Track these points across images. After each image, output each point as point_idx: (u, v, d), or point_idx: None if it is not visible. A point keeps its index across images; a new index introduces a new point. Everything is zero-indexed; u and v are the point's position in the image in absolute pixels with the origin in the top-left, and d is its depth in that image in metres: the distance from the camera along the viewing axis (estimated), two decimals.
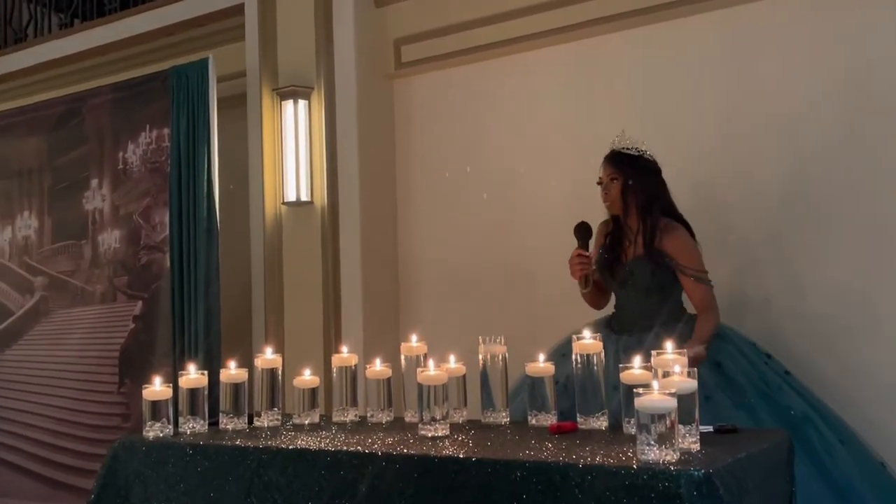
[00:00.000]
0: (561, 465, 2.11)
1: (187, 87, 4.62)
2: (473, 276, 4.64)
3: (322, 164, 4.76)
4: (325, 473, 2.43)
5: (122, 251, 4.93)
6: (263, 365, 3.09)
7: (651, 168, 3.51)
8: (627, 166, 3.47)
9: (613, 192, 3.49)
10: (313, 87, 4.80)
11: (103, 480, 2.81)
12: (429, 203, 4.84)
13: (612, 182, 3.50)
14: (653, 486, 1.97)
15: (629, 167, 3.47)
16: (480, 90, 4.69)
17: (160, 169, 4.77)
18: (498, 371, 2.92)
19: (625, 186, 3.46)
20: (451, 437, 2.57)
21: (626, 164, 3.47)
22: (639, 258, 3.47)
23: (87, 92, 5.28)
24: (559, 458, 2.18)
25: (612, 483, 2.02)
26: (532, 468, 2.13)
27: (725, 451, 2.18)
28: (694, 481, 1.94)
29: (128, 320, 4.85)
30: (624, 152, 3.50)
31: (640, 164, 3.49)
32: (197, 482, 2.64)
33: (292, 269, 4.82)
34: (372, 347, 4.08)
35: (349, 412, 3.10)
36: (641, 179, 3.47)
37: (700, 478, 1.95)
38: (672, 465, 2.01)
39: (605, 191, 3.51)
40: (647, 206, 3.46)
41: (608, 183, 3.51)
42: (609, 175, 3.50)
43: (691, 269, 3.41)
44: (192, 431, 2.90)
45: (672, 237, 3.43)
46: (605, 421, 2.67)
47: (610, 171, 3.50)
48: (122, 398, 4.82)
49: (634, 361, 2.49)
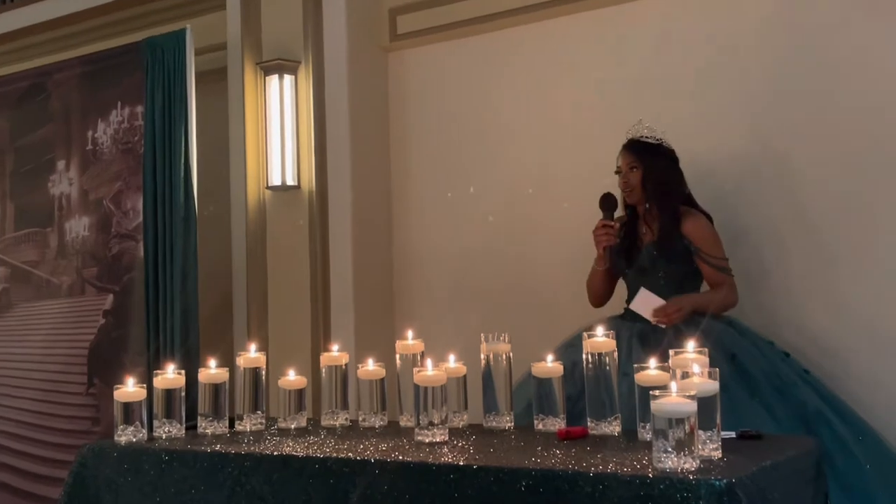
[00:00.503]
0: (570, 473, 2.11)
1: (163, 61, 4.61)
2: (476, 267, 4.64)
3: (310, 146, 4.75)
4: (314, 482, 2.44)
5: (92, 240, 4.92)
6: (246, 364, 3.10)
7: (670, 156, 3.70)
8: (648, 155, 3.67)
9: (633, 181, 3.69)
10: (300, 60, 4.79)
11: (70, 490, 2.82)
12: (427, 188, 4.84)
13: (631, 171, 3.69)
14: (670, 496, 1.97)
15: (649, 156, 3.67)
16: (484, 64, 4.68)
17: (133, 150, 4.77)
18: (502, 371, 2.93)
19: (645, 175, 3.66)
20: (451, 443, 2.58)
21: (647, 153, 3.67)
22: (656, 243, 3.65)
23: (53, 65, 5.27)
24: (568, 466, 2.18)
25: (626, 494, 2.03)
26: (539, 477, 2.14)
27: (749, 460, 2.19)
28: (715, 492, 1.95)
29: (97, 315, 4.85)
30: (643, 141, 3.69)
31: (660, 152, 3.68)
32: (173, 491, 2.65)
33: (277, 260, 4.82)
34: (364, 345, 4.11)
35: (339, 416, 3.11)
36: (661, 168, 3.66)
37: (722, 488, 1.95)
38: (691, 474, 2.02)
39: (625, 180, 3.70)
40: (667, 194, 3.65)
41: (628, 172, 3.69)
42: (628, 164, 3.70)
43: (713, 257, 3.60)
44: (167, 436, 2.91)
45: (693, 223, 3.62)
46: (618, 426, 2.68)
47: (630, 159, 3.70)
48: (91, 400, 4.83)
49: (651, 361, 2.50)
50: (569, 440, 2.58)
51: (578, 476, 2.10)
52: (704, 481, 1.97)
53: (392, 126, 4.94)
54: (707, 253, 3.60)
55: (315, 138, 4.75)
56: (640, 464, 2.16)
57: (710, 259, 3.60)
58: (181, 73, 4.54)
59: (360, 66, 4.80)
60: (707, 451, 2.23)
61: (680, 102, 4.09)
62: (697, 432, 2.14)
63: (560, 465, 2.20)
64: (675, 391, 2.14)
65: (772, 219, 3.94)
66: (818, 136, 3.85)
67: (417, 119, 4.88)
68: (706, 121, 4.04)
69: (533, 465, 2.21)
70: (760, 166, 3.96)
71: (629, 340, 3.48)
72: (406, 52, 4.89)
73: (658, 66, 4.21)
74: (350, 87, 4.74)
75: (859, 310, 3.76)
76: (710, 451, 2.24)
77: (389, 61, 4.95)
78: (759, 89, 3.99)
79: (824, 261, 3.83)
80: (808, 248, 3.87)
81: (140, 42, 4.77)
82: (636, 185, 3.68)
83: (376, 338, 4.41)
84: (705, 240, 3.61)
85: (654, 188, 3.65)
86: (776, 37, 3.96)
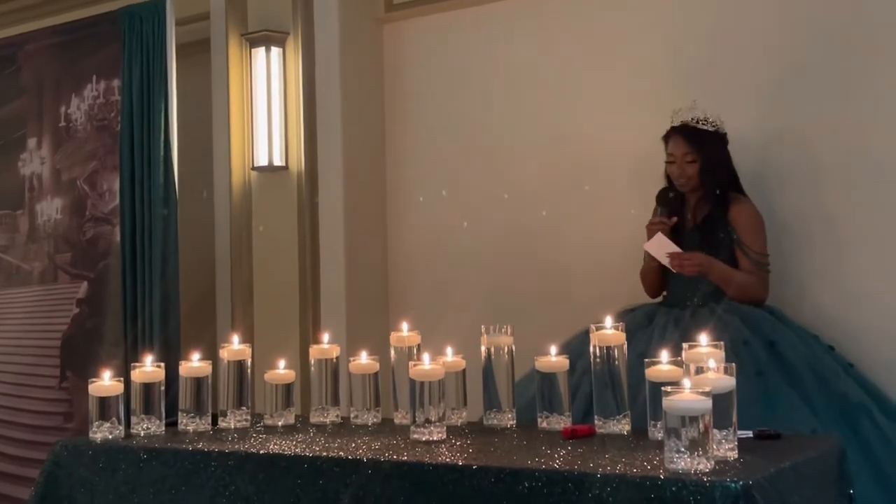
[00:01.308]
0: (576, 474, 2.12)
1: (141, 32, 4.59)
2: (476, 254, 4.64)
3: (298, 124, 4.75)
4: (302, 482, 2.44)
5: (65, 223, 4.92)
6: (230, 357, 3.11)
7: (725, 143, 3.75)
8: (706, 145, 3.71)
9: (691, 172, 3.73)
10: (289, 32, 4.78)
11: (42, 490, 2.83)
12: (424, 168, 4.83)
13: (689, 163, 3.72)
14: (683, 498, 1.98)
15: (707, 146, 3.71)
16: (485, 37, 4.67)
17: (109, 127, 4.76)
18: (503, 366, 2.94)
19: (703, 168, 3.71)
20: (449, 442, 2.59)
21: (705, 143, 3.71)
22: (700, 229, 3.72)
23: (24, 36, 5.25)
24: (574, 466, 2.19)
25: (636, 496, 2.04)
26: (543, 478, 2.14)
27: (767, 461, 2.20)
28: (731, 494, 1.96)
29: (71, 304, 4.85)
30: (700, 128, 3.72)
31: (717, 140, 3.73)
32: (152, 492, 2.66)
33: (264, 245, 4.82)
34: (356, 337, 4.11)
35: (330, 412, 3.11)
36: (719, 159, 3.73)
37: (738, 491, 1.96)
38: (705, 476, 2.03)
39: (681, 170, 3.74)
40: (722, 184, 3.72)
41: (684, 163, 3.73)
42: (684, 154, 3.73)
43: (752, 249, 3.66)
44: (146, 433, 2.91)
45: (739, 210, 3.70)
46: (628, 425, 2.69)
47: (686, 149, 3.73)
48: (64, 394, 4.83)
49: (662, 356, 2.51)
50: (575, 439, 2.59)
51: (585, 477, 2.11)
52: (719, 483, 1.98)
53: (387, 103, 4.93)
54: (747, 244, 3.66)
55: (304, 116, 4.74)
56: (651, 464, 2.17)
57: (749, 251, 3.66)
58: (160, 45, 4.52)
59: (353, 39, 4.79)
60: (722, 451, 2.24)
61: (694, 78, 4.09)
62: (712, 431, 2.15)
63: (565, 465, 2.21)
64: (688, 388, 2.15)
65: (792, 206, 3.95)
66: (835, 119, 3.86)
67: (414, 95, 4.87)
68: (719, 100, 4.03)
69: (536, 465, 2.22)
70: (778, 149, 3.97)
71: (664, 327, 3.56)
72: (402, 23, 4.88)
73: (673, 37, 4.20)
74: (342, 60, 4.73)
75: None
76: (725, 451, 2.24)
77: (384, 33, 4.93)
78: (779, 66, 3.98)
79: (837, 249, 3.87)
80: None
81: (116, 11, 4.74)
82: (693, 175, 3.73)
83: (370, 330, 4.41)
84: (748, 229, 3.67)
85: (713, 181, 3.71)
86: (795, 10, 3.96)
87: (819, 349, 3.59)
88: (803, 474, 2.27)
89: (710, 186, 3.73)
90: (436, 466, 2.30)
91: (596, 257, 4.28)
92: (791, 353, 3.49)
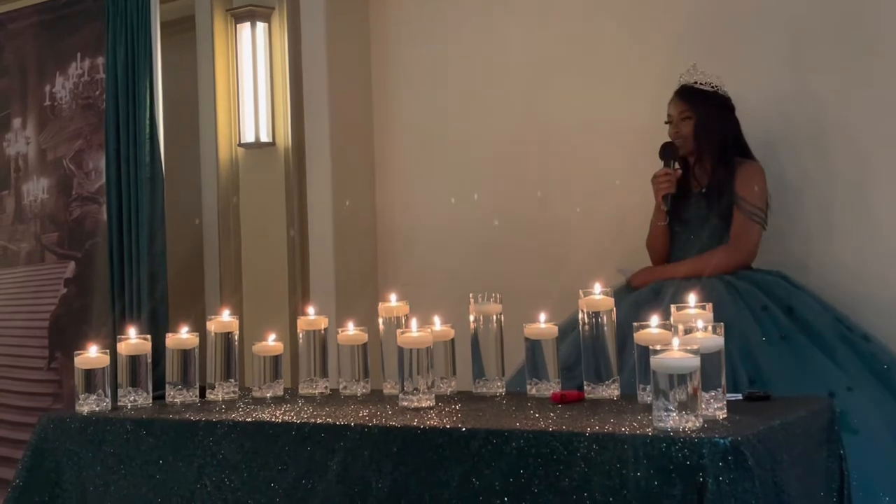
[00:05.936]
0: (565, 434, 2.12)
1: (125, 8, 4.56)
2: (465, 226, 4.63)
3: (285, 99, 4.74)
4: (290, 450, 2.44)
5: (51, 203, 4.91)
6: (217, 329, 3.09)
7: (726, 105, 3.70)
8: (702, 103, 3.68)
9: (685, 131, 3.71)
10: (274, 6, 4.77)
11: (30, 463, 2.81)
12: (412, 142, 4.82)
13: (683, 121, 3.70)
14: (671, 456, 1.98)
15: (703, 104, 3.68)
16: (477, 8, 4.65)
17: (94, 105, 4.75)
18: (492, 335, 2.93)
19: (698, 125, 3.68)
20: (437, 408, 2.59)
21: (701, 101, 3.69)
22: (705, 195, 3.69)
23: (6, 14, 5.23)
24: (562, 427, 2.19)
25: (624, 454, 2.03)
26: (532, 438, 2.14)
27: (756, 419, 2.20)
28: (719, 451, 1.95)
29: (58, 284, 4.85)
30: (697, 88, 3.70)
31: (715, 100, 3.68)
32: (139, 463, 2.65)
33: (251, 221, 4.82)
34: (345, 309, 4.10)
35: (318, 384, 3.11)
36: (716, 117, 3.67)
37: (726, 447, 1.96)
38: (694, 433, 2.02)
39: (676, 129, 3.72)
40: (721, 146, 3.67)
41: (679, 121, 3.71)
42: (680, 112, 3.72)
43: (747, 202, 3.60)
44: (133, 405, 2.90)
45: (746, 172, 3.63)
46: (617, 390, 2.68)
47: (681, 107, 3.71)
48: (52, 375, 4.83)
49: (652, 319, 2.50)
50: (564, 404, 2.59)
51: (574, 436, 2.10)
52: (708, 440, 1.97)
53: (374, 76, 4.92)
54: (741, 195, 3.60)
55: (291, 91, 4.73)
56: (640, 424, 2.17)
57: (744, 204, 3.59)
58: (145, 22, 4.49)
59: (339, 12, 4.78)
60: (711, 411, 2.23)
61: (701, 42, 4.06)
62: (700, 393, 2.14)
63: (554, 426, 2.21)
64: (676, 346, 2.14)
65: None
66: None
67: (403, 69, 4.85)
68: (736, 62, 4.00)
69: (525, 426, 2.21)
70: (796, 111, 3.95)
71: (673, 297, 3.44)
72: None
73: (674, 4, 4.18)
74: (328, 35, 4.72)
75: None
76: (714, 410, 2.24)
77: (370, 6, 4.92)
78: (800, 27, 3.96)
79: None
80: None
81: None
82: (688, 135, 3.70)
83: (358, 301, 4.39)
84: (745, 182, 3.61)
85: (708, 139, 3.68)
86: None
87: (837, 313, 3.55)
88: (793, 433, 2.26)
89: (705, 145, 3.69)
90: (424, 430, 2.30)
91: (588, 227, 4.28)
92: (811, 317, 3.46)
